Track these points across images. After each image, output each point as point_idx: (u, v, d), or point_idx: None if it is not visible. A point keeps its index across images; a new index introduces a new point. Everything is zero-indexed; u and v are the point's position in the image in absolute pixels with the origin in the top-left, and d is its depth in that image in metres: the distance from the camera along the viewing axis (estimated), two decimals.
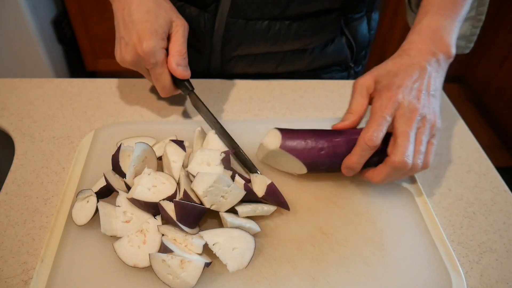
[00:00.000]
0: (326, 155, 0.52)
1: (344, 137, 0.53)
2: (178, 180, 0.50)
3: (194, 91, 0.62)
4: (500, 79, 2.10)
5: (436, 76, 0.53)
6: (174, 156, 0.52)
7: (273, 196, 0.49)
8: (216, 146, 0.55)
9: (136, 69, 0.61)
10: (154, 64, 0.58)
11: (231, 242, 0.45)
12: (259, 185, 0.51)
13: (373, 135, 0.49)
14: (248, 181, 0.53)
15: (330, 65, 0.82)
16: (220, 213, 0.48)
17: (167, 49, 0.59)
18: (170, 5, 0.61)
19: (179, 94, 0.65)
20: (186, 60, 0.60)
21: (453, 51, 0.55)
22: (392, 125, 0.50)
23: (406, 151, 0.48)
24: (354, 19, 0.78)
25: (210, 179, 0.46)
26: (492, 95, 2.17)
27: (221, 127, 0.59)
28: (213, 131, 0.57)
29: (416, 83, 0.51)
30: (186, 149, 0.53)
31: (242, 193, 0.48)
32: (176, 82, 0.62)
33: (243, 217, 0.48)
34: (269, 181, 0.50)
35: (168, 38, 0.60)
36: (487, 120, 2.25)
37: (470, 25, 0.70)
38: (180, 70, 0.59)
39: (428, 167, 0.51)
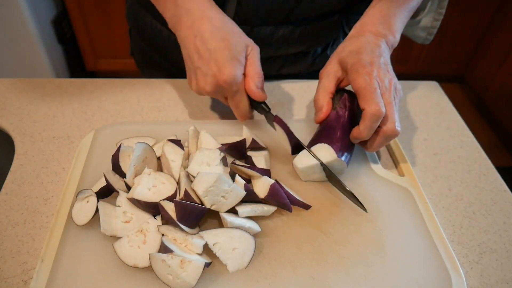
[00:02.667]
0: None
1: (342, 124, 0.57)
2: (178, 180, 0.50)
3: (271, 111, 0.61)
4: (500, 79, 2.10)
5: (388, 53, 0.58)
6: (173, 155, 0.52)
7: (276, 197, 0.49)
8: (209, 144, 0.54)
9: (216, 97, 0.60)
10: (236, 91, 0.57)
11: (231, 242, 0.45)
12: (262, 186, 0.50)
13: (379, 105, 0.51)
14: (248, 181, 0.53)
15: None
16: (220, 213, 0.48)
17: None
18: (240, 29, 0.60)
19: (177, 93, 0.65)
20: (263, 82, 0.59)
21: (398, 36, 0.61)
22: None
23: (396, 120, 0.52)
24: (355, 20, 0.78)
25: (210, 179, 0.46)
26: (492, 95, 2.17)
27: (301, 143, 0.58)
28: (204, 130, 0.56)
29: (381, 58, 0.55)
30: (184, 148, 0.53)
31: (242, 193, 0.48)
32: (253, 103, 0.61)
33: (243, 217, 0.48)
34: (272, 181, 0.50)
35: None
36: (487, 120, 2.25)
37: (432, 17, 0.73)
38: (260, 93, 0.58)
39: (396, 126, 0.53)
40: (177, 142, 0.53)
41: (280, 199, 0.49)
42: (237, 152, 0.57)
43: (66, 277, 0.44)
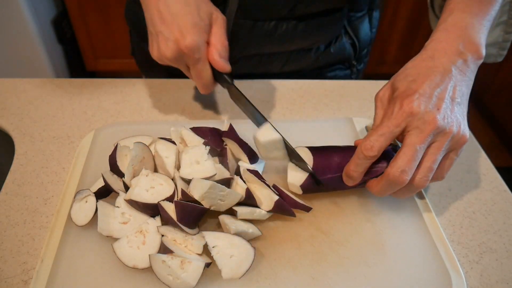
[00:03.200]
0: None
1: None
2: (175, 180, 0.50)
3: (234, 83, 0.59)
4: (500, 79, 2.10)
5: (462, 80, 0.47)
6: (166, 152, 0.52)
7: (281, 210, 0.49)
8: (193, 140, 0.54)
9: (177, 65, 0.56)
10: (198, 59, 0.54)
11: (230, 249, 0.44)
12: (266, 201, 0.50)
13: (370, 145, 0.45)
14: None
15: (334, 64, 0.83)
16: (221, 218, 0.48)
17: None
18: None
19: (177, 93, 0.65)
20: (228, 52, 0.57)
21: (483, 51, 0.49)
22: (402, 134, 0.45)
23: (403, 165, 0.43)
24: (357, 18, 0.79)
25: (205, 185, 0.45)
26: (492, 95, 2.17)
27: (262, 116, 0.56)
28: (184, 128, 0.55)
29: (437, 88, 0.45)
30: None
31: (238, 196, 0.47)
32: (216, 75, 0.57)
33: (242, 221, 0.48)
34: (276, 198, 0.48)
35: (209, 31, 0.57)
36: (487, 120, 2.25)
37: (502, 30, 0.64)
38: (222, 62, 0.55)
39: (441, 179, 0.47)
40: (168, 139, 0.54)
41: (285, 211, 0.49)
42: (212, 139, 0.55)
43: (66, 277, 0.44)
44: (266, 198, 0.49)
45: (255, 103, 0.72)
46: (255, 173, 0.51)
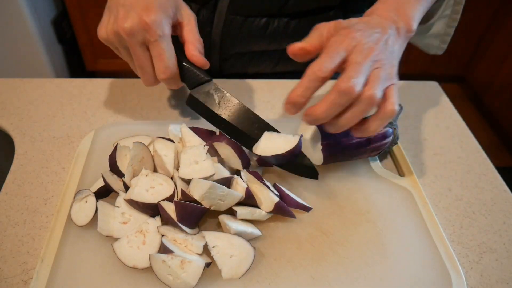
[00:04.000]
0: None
1: None
2: (174, 180, 0.50)
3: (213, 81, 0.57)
4: (500, 79, 2.10)
5: (395, 40, 0.50)
6: (164, 150, 0.52)
7: (281, 212, 0.49)
8: (192, 140, 0.54)
9: (129, 42, 0.51)
10: (160, 36, 0.50)
11: (230, 249, 0.44)
12: (267, 202, 0.49)
13: (323, 65, 0.44)
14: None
15: None
16: (221, 218, 0.48)
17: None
18: None
19: (177, 93, 0.65)
20: (203, 48, 0.56)
21: (414, 25, 0.53)
22: (345, 60, 0.46)
23: (353, 76, 0.43)
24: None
25: (205, 185, 0.45)
26: (492, 95, 2.17)
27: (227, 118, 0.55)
28: (184, 125, 0.55)
29: (376, 34, 0.48)
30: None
31: (238, 196, 0.48)
32: (183, 75, 0.55)
33: (242, 221, 0.48)
34: (276, 200, 0.48)
35: (176, 27, 0.56)
36: (487, 120, 2.25)
37: (445, 24, 0.68)
38: (202, 58, 0.54)
39: (395, 106, 0.46)
40: (166, 138, 0.54)
41: (285, 213, 0.49)
42: (210, 139, 0.55)
43: (66, 277, 0.44)
44: (267, 199, 0.49)
45: (255, 103, 0.72)
46: (255, 174, 0.51)
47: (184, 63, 0.55)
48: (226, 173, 0.51)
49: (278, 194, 0.50)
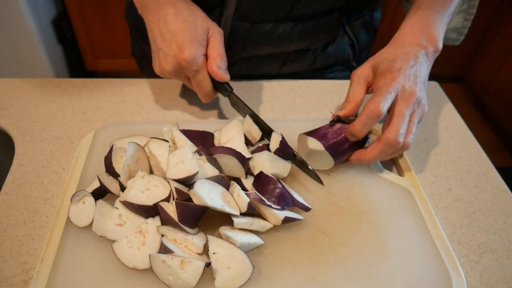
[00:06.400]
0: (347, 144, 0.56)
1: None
2: (168, 179, 0.49)
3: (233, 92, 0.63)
4: (500, 79, 2.10)
5: (426, 66, 0.56)
6: (159, 150, 0.52)
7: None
8: (181, 141, 0.54)
9: (177, 78, 0.61)
10: (196, 71, 0.58)
11: (230, 260, 0.44)
12: (272, 218, 0.49)
13: (380, 104, 0.51)
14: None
15: (332, 65, 0.82)
16: (223, 231, 0.46)
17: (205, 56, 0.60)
18: (203, 13, 0.62)
19: (177, 93, 0.65)
20: (226, 63, 0.61)
21: (440, 45, 0.58)
22: (390, 105, 0.53)
23: (400, 129, 0.51)
24: (356, 18, 0.78)
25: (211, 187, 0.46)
26: (492, 95, 2.17)
27: (265, 123, 0.60)
28: (175, 128, 0.56)
29: (413, 69, 0.54)
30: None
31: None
32: (215, 85, 0.62)
33: (244, 232, 0.47)
34: (282, 217, 0.48)
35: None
36: (487, 120, 2.25)
37: (462, 17, 0.72)
38: (221, 73, 0.60)
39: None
40: (161, 138, 0.54)
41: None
42: (202, 142, 0.56)
43: (66, 277, 0.44)
44: (272, 215, 0.49)
45: (255, 103, 0.72)
46: (256, 197, 0.49)
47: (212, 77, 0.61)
48: (216, 172, 0.51)
49: (280, 188, 0.50)
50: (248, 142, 0.58)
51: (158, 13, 0.59)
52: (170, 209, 0.46)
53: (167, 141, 0.54)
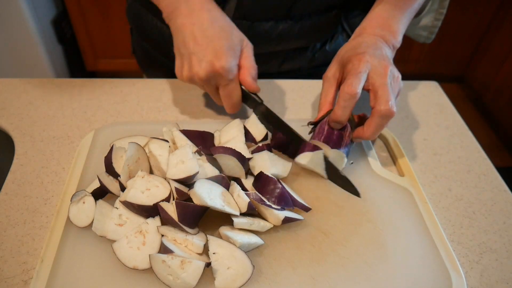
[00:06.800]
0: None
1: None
2: (168, 179, 0.49)
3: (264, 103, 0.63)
4: (500, 79, 2.10)
5: (388, 51, 0.58)
6: (159, 150, 0.52)
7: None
8: (181, 141, 0.54)
9: (207, 85, 0.59)
10: (230, 80, 0.58)
11: (230, 260, 0.44)
12: (272, 218, 0.49)
13: (352, 85, 0.51)
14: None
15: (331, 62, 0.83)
16: (224, 232, 0.46)
17: None
18: (235, 25, 0.62)
19: (177, 93, 0.65)
20: (257, 75, 0.61)
21: (400, 38, 0.61)
22: (367, 83, 0.54)
23: (389, 99, 0.51)
24: (355, 16, 0.79)
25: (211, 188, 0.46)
26: (492, 95, 2.17)
27: (298, 135, 0.60)
28: (175, 128, 0.56)
29: (377, 51, 0.56)
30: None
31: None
32: (244, 96, 0.62)
33: (244, 232, 0.47)
34: (282, 217, 0.48)
35: None
36: (487, 120, 2.25)
37: (432, 17, 0.74)
38: (255, 84, 0.60)
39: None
40: (161, 138, 0.54)
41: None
42: (202, 142, 0.56)
43: (66, 277, 0.44)
44: (272, 215, 0.49)
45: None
46: (256, 197, 0.49)
47: (242, 87, 0.61)
48: (216, 173, 0.51)
49: (280, 187, 0.50)
50: (251, 139, 0.59)
51: (193, 17, 0.57)
52: (170, 209, 0.46)
53: (167, 141, 0.54)
